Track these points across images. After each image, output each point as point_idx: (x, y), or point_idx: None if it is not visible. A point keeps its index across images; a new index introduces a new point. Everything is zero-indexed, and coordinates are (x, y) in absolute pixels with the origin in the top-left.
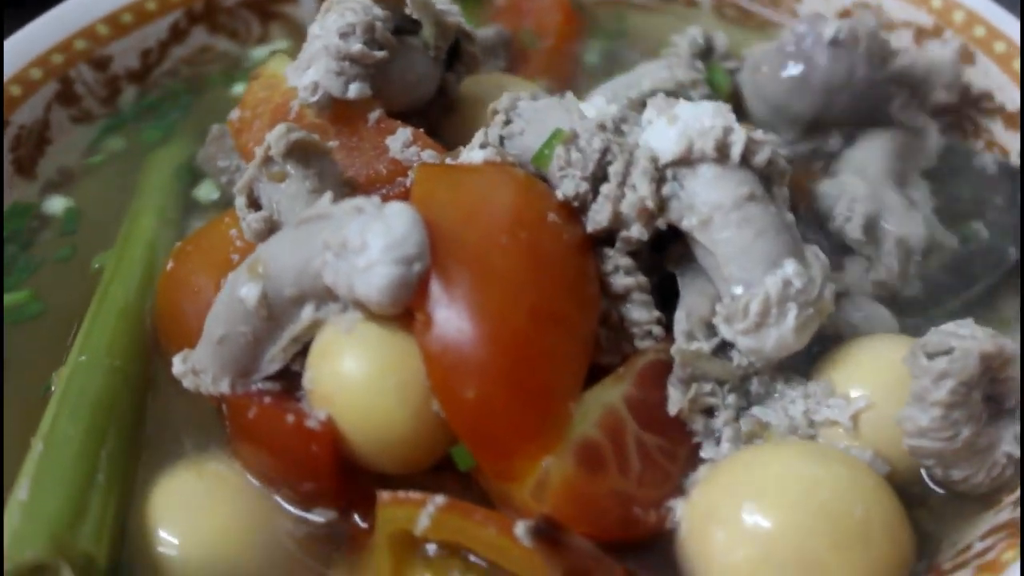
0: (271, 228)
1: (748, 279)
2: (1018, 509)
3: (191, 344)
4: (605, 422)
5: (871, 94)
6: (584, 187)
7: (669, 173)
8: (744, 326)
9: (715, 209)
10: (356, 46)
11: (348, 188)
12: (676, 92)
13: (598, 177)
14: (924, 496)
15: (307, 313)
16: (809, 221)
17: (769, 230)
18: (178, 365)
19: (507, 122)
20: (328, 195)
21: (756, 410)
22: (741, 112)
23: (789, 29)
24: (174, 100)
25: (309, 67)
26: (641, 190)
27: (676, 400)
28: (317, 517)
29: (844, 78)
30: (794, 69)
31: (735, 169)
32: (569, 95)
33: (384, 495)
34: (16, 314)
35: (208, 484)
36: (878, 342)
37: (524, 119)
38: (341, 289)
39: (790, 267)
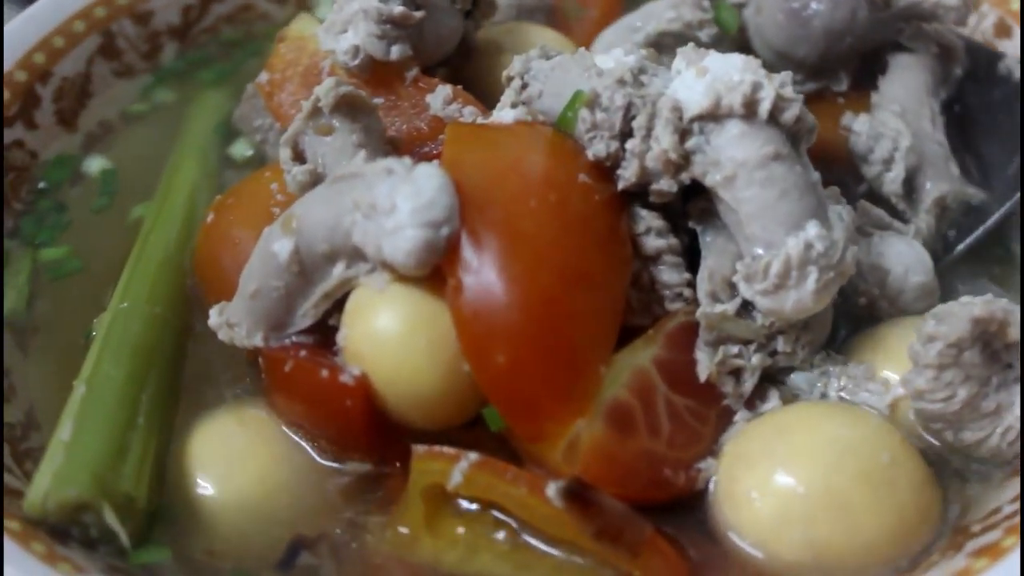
0: (315, 181)
1: (770, 239)
2: None
3: (229, 296)
4: (635, 384)
5: (877, 33)
6: (614, 146)
7: (696, 127)
8: (763, 287)
9: (739, 166)
10: (398, 8)
11: (390, 146)
12: (683, 34)
13: (625, 133)
14: (958, 468)
15: (338, 270)
16: (840, 164)
17: (793, 190)
18: (214, 317)
19: (524, 86)
20: (362, 153)
21: (792, 380)
22: (748, 51)
23: None
24: (213, 57)
25: (345, 30)
26: (664, 142)
27: (704, 364)
28: (351, 468)
29: (846, 22)
30: (793, 15)
31: (762, 126)
32: (581, 50)
33: (419, 449)
34: (55, 270)
35: (248, 429)
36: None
37: (540, 81)
38: (369, 249)
39: (812, 229)
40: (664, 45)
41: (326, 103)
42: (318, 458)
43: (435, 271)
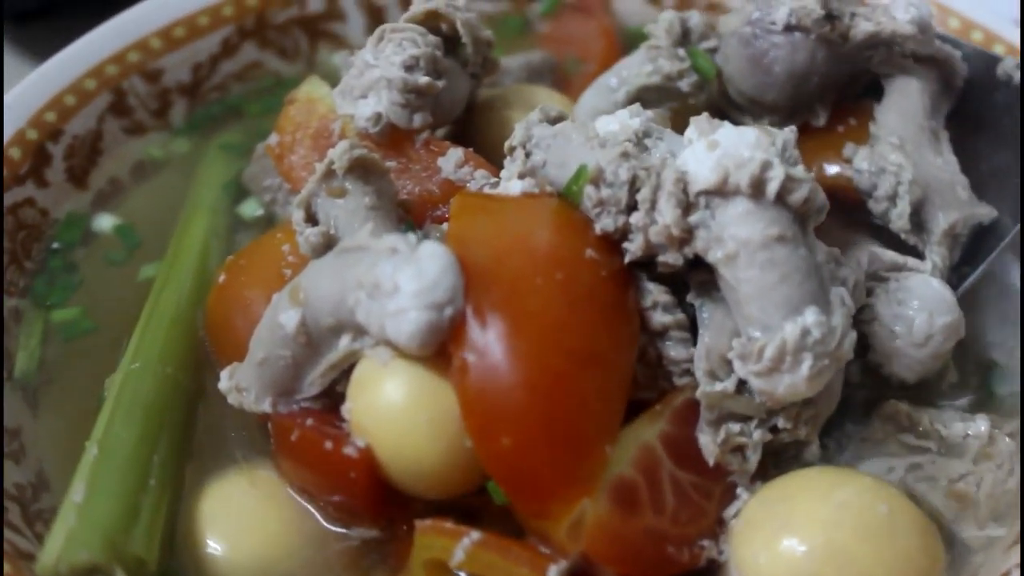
0: (328, 243)
1: (767, 322)
2: None
3: (240, 356)
4: (641, 461)
5: (845, 66)
6: (622, 220)
7: (702, 200)
8: (757, 368)
9: (742, 246)
10: (423, 79)
11: (402, 209)
12: (664, 86)
13: (631, 206)
14: (964, 538)
15: (344, 343)
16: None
17: (794, 274)
18: (224, 381)
19: (527, 155)
20: (369, 225)
21: (806, 456)
22: (727, 96)
23: (743, 12)
24: (223, 115)
25: (365, 96)
26: (667, 216)
27: (709, 448)
28: (358, 534)
29: (807, 63)
30: (755, 62)
31: (768, 207)
32: (581, 117)
33: (423, 523)
34: (67, 331)
35: (259, 491)
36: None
37: (542, 149)
38: (373, 328)
39: (811, 316)
40: (647, 100)
41: (340, 165)
42: (325, 523)
43: (439, 347)
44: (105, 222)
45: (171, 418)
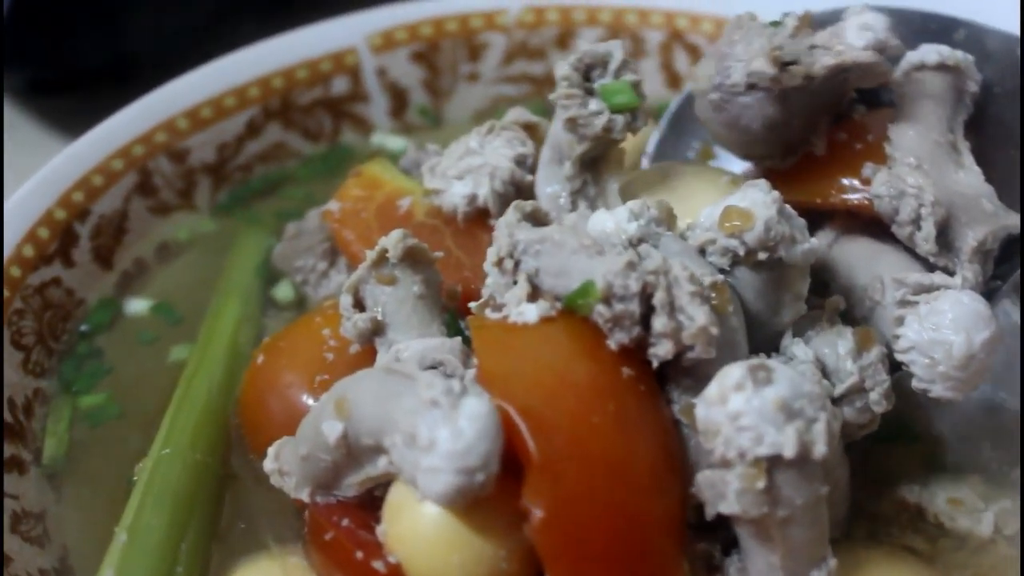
0: (376, 329)
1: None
2: None
3: (274, 439)
4: None
5: (824, 98)
6: (636, 331)
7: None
8: None
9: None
10: (528, 177)
11: (451, 299)
12: (601, 137)
13: (644, 314)
14: None
15: (383, 463)
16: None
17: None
18: (270, 462)
19: (516, 263)
20: (418, 348)
21: None
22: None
23: (706, 68)
24: (248, 196)
25: (461, 178)
26: (698, 319)
27: None
28: None
29: (782, 113)
30: (731, 125)
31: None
32: (571, 220)
33: None
34: (94, 417)
35: None
36: None
37: (531, 255)
38: (406, 476)
39: (832, 561)
40: (594, 158)
41: (394, 253)
42: None
43: None
44: (138, 306)
45: (200, 504)
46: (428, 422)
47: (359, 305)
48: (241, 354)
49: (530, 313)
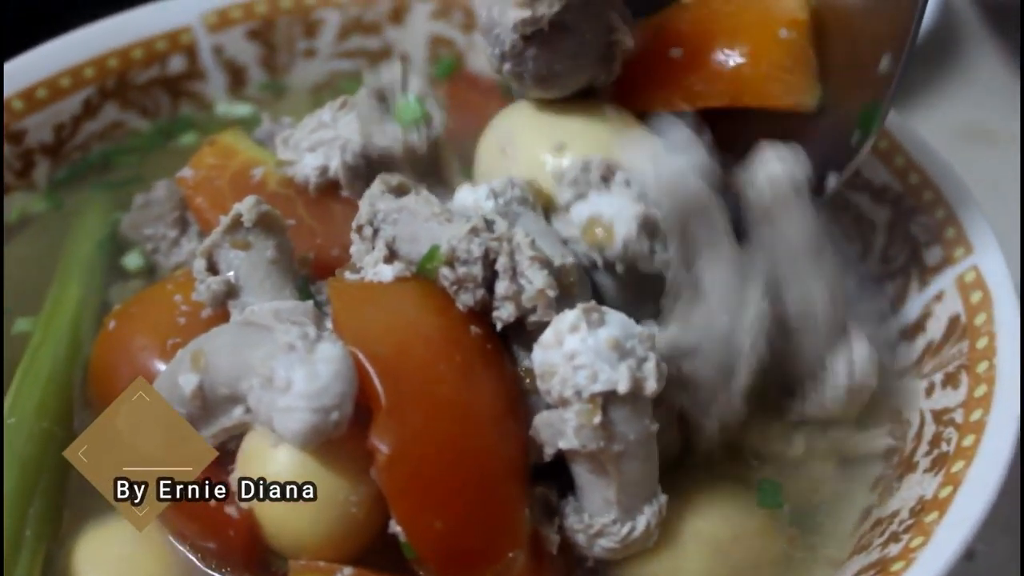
0: (230, 292)
1: (630, 507)
2: (885, 550)
3: None
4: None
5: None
6: (480, 293)
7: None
8: (609, 546)
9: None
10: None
11: (303, 266)
12: (389, 151)
13: (488, 279)
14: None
15: (238, 413)
16: None
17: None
18: None
19: (375, 231)
20: (274, 305)
21: None
22: None
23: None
24: (86, 173)
25: (314, 151)
26: (538, 282)
27: None
28: None
29: (569, 39)
30: (536, 80)
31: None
32: (424, 192)
33: (295, 564)
34: None
35: (136, 537)
36: None
37: (389, 223)
38: (261, 417)
39: (663, 498)
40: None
41: (248, 218)
42: (201, 566)
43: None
44: None
45: (47, 471)
46: (284, 364)
47: (212, 269)
48: (86, 323)
49: (385, 273)
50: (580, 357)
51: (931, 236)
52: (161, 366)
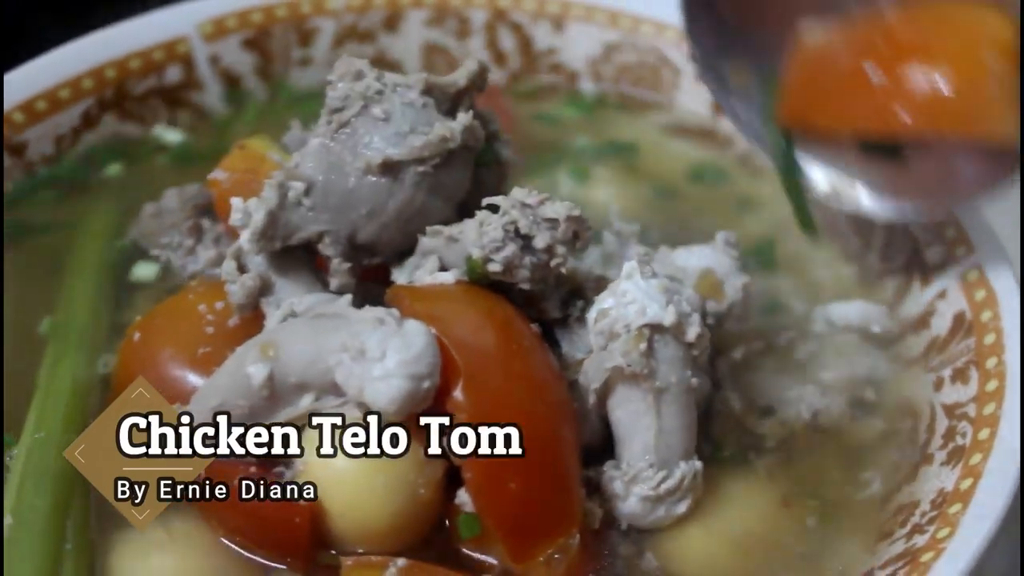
0: (264, 287)
1: (667, 459)
2: (911, 541)
3: None
4: None
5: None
6: (529, 260)
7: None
8: (647, 494)
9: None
10: None
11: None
12: None
13: (526, 245)
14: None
15: (305, 402)
16: None
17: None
18: None
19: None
20: (348, 297)
21: None
22: None
23: None
24: (89, 184)
25: None
26: (561, 213)
27: None
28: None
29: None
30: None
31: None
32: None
33: (347, 561)
34: None
35: (176, 542)
36: None
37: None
38: (351, 390)
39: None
40: None
41: None
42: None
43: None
44: None
45: (81, 483)
46: (377, 337)
47: (242, 270)
48: (100, 334)
49: (446, 276)
50: (631, 294)
51: (931, 236)
52: (191, 375)
